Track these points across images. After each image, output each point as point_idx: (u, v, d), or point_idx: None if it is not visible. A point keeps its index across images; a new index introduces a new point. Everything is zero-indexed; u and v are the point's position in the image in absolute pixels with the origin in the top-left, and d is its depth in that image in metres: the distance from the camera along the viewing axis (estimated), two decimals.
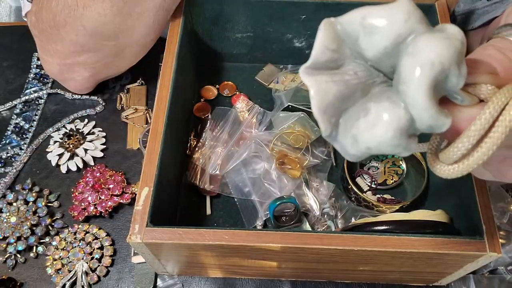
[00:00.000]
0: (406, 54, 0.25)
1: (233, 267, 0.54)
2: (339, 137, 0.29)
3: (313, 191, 0.61)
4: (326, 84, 0.28)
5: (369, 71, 0.29)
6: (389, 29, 0.25)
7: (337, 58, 0.29)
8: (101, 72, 0.67)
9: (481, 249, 0.44)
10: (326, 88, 0.28)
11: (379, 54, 0.26)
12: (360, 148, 0.27)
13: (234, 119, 0.67)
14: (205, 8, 0.64)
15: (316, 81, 0.28)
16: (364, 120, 0.27)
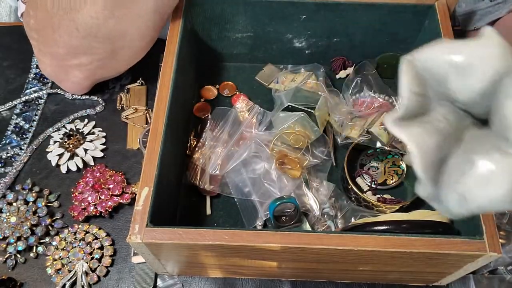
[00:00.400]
0: (508, 96, 0.22)
1: (233, 267, 0.54)
2: (442, 195, 0.25)
3: (313, 191, 0.61)
4: (423, 137, 0.24)
5: (458, 114, 0.25)
6: (485, 67, 0.22)
7: (423, 103, 0.25)
8: (96, 73, 0.67)
9: (481, 249, 0.44)
10: (425, 142, 0.24)
11: (474, 95, 0.23)
12: (470, 207, 0.24)
13: (234, 119, 0.67)
14: (205, 8, 0.64)
15: (412, 135, 0.24)
16: (471, 175, 0.23)
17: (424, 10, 0.62)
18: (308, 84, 0.66)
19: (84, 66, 0.65)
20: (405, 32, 0.67)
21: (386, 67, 0.71)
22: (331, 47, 0.70)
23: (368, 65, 0.68)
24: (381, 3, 0.61)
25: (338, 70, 0.73)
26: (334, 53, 0.72)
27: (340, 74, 0.73)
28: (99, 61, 0.64)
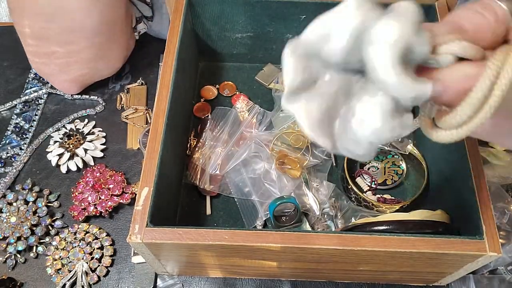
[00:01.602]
0: (366, 44, 0.26)
1: (233, 267, 0.54)
2: (343, 144, 0.29)
3: (313, 191, 0.61)
4: (307, 104, 0.29)
5: (344, 74, 0.29)
6: (342, 28, 0.26)
7: (310, 76, 0.30)
8: (73, 66, 0.67)
9: (481, 249, 0.44)
10: (307, 108, 0.29)
11: (344, 55, 0.27)
12: (363, 146, 0.28)
13: (234, 119, 0.67)
14: (205, 8, 0.64)
15: (297, 106, 0.29)
16: (354, 120, 0.28)
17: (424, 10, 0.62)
18: None
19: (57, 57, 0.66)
20: None
21: None
22: None
23: None
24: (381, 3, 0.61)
25: None
26: None
27: None
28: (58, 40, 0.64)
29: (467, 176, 0.48)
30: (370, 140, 0.28)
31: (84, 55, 0.66)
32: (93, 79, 0.72)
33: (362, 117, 0.27)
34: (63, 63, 0.66)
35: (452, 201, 0.54)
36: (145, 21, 0.73)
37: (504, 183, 0.61)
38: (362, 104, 0.28)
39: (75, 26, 0.61)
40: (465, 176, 0.49)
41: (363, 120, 0.27)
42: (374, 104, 0.27)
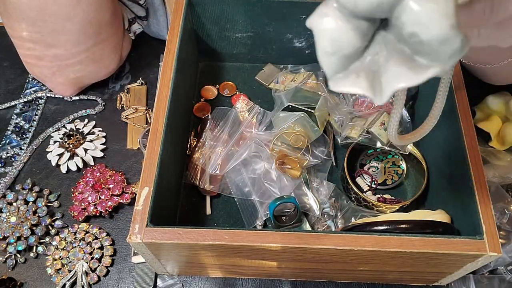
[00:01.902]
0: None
1: (233, 267, 0.54)
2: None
3: (313, 191, 0.61)
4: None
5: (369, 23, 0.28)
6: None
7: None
8: (66, 69, 0.67)
9: (481, 249, 0.44)
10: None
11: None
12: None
13: (234, 119, 0.67)
14: (205, 8, 0.64)
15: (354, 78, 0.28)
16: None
17: None
18: (308, 84, 0.66)
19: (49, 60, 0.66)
20: None
21: None
22: None
23: None
24: None
25: None
26: None
27: None
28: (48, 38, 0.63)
29: (467, 176, 0.48)
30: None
31: (74, 58, 0.65)
32: (89, 81, 0.72)
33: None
34: (54, 66, 0.66)
35: (452, 201, 0.54)
36: (139, 21, 0.73)
37: (504, 183, 0.61)
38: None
39: (59, 30, 0.61)
40: (465, 176, 0.49)
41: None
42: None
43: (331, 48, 0.27)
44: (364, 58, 0.28)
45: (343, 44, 0.27)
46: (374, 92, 0.27)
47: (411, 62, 0.27)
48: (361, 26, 0.27)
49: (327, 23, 0.27)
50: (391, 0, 0.25)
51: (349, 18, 0.27)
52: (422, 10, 0.24)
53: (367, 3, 0.25)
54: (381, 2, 0.25)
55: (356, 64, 0.28)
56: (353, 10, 0.26)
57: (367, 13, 0.26)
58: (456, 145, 0.51)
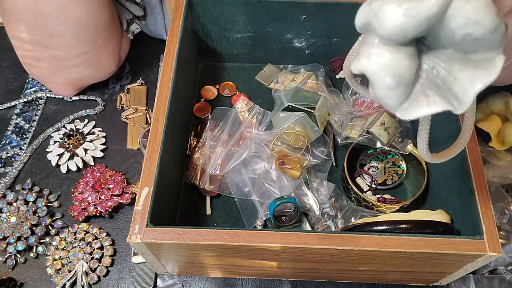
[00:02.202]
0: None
1: (233, 267, 0.54)
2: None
3: (313, 191, 0.61)
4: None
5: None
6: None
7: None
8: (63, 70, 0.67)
9: (481, 249, 0.44)
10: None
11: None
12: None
13: (234, 119, 0.67)
14: (205, 8, 0.64)
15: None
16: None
17: None
18: (308, 84, 0.66)
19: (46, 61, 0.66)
20: None
21: None
22: (331, 47, 0.70)
23: None
24: None
25: (338, 70, 0.73)
26: (334, 53, 0.72)
27: (340, 74, 0.73)
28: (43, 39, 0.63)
29: (467, 176, 0.48)
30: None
31: (71, 61, 0.65)
32: (88, 82, 0.72)
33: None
34: (52, 67, 0.66)
35: (452, 201, 0.54)
36: (137, 21, 0.73)
37: (504, 183, 0.61)
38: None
39: (54, 32, 0.61)
40: (465, 176, 0.49)
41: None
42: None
43: (394, 81, 0.27)
44: (420, 78, 0.28)
45: (403, 73, 0.27)
46: (451, 104, 0.27)
47: (472, 62, 0.27)
48: (408, 50, 0.27)
49: (380, 60, 0.27)
50: (438, 14, 0.25)
51: (396, 47, 0.27)
52: (470, 10, 0.25)
53: (415, 27, 0.25)
54: (429, 20, 0.25)
55: (416, 88, 0.28)
56: (401, 38, 0.26)
57: (415, 35, 0.26)
58: None
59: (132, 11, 0.71)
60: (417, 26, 0.26)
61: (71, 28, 0.61)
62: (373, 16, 0.26)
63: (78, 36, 0.62)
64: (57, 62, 0.65)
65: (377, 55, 0.27)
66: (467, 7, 0.26)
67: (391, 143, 0.62)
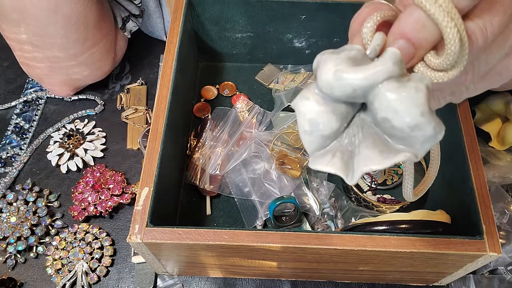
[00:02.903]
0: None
1: (233, 267, 0.54)
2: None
3: (313, 191, 0.61)
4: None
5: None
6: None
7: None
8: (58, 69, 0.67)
9: (481, 249, 0.44)
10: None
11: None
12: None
13: (234, 119, 0.67)
14: (205, 8, 0.64)
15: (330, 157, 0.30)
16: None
17: None
18: (308, 84, 0.66)
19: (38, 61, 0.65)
20: None
21: None
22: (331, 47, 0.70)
23: None
24: None
25: None
26: None
27: None
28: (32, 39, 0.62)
29: (467, 176, 0.48)
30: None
31: (65, 62, 0.65)
32: (85, 82, 0.72)
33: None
34: (46, 67, 0.66)
35: (452, 201, 0.54)
36: (134, 19, 0.72)
37: (504, 183, 0.61)
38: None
39: (43, 33, 0.60)
40: (465, 176, 0.49)
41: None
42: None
43: (309, 128, 0.29)
44: (342, 138, 0.29)
45: (320, 125, 0.28)
46: (347, 172, 0.28)
47: (383, 146, 0.28)
48: (339, 109, 0.28)
49: (306, 105, 0.28)
50: (364, 88, 0.26)
51: (328, 101, 0.28)
52: (394, 98, 0.26)
53: (341, 91, 0.27)
54: (355, 90, 0.26)
55: (334, 144, 0.29)
56: (330, 95, 0.27)
57: (344, 98, 0.27)
58: (456, 145, 0.51)
59: (128, 9, 0.71)
60: (343, 90, 0.27)
61: (61, 29, 0.60)
62: (317, 66, 0.28)
63: (68, 36, 0.61)
64: (51, 62, 0.65)
65: (307, 100, 0.29)
66: (393, 94, 0.26)
67: None
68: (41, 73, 0.67)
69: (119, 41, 0.72)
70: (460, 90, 0.33)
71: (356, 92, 0.27)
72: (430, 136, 0.26)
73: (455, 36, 0.26)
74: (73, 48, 0.63)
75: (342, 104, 0.28)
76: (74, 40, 0.62)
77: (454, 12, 0.26)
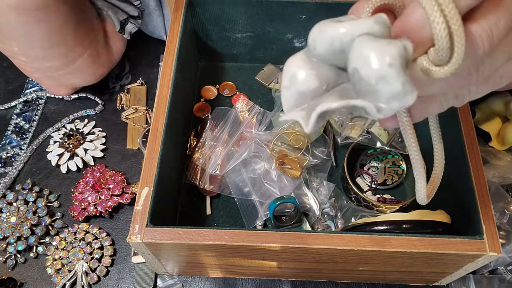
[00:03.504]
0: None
1: (233, 267, 0.54)
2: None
3: (313, 191, 0.61)
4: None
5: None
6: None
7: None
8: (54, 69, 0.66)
9: (481, 249, 0.44)
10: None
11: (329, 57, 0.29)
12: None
13: (234, 119, 0.67)
14: (205, 8, 0.64)
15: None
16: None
17: None
18: None
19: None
20: None
21: None
22: None
23: None
24: None
25: None
26: None
27: None
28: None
29: (467, 176, 0.48)
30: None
31: (54, 72, 0.65)
32: (81, 84, 0.72)
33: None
34: (39, 74, 0.66)
35: (452, 201, 0.54)
36: (132, 20, 0.72)
37: (504, 183, 0.61)
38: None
39: (24, 47, 0.60)
40: (465, 176, 0.49)
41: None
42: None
43: (288, 83, 0.29)
44: (317, 101, 0.29)
45: (298, 81, 0.29)
46: (307, 120, 0.28)
47: (348, 95, 0.28)
48: (322, 70, 0.29)
49: (292, 61, 0.29)
50: (342, 40, 0.27)
51: (312, 61, 0.29)
52: (365, 46, 0.26)
53: (322, 43, 0.27)
54: (333, 41, 0.27)
55: (309, 104, 0.29)
56: (313, 51, 0.28)
57: (325, 54, 0.28)
58: (456, 145, 0.51)
59: (127, 11, 0.71)
60: (323, 42, 0.27)
61: (41, 42, 0.59)
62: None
63: (50, 48, 0.61)
64: (43, 72, 0.65)
65: (294, 57, 0.29)
66: (365, 43, 0.26)
67: (391, 143, 0.62)
68: (36, 77, 0.68)
69: (117, 43, 0.71)
70: (463, 93, 0.33)
71: (335, 45, 0.27)
72: (398, 92, 0.25)
73: (442, 32, 0.26)
74: (59, 59, 0.63)
75: (326, 66, 0.29)
76: (57, 52, 0.62)
77: (450, 8, 0.25)
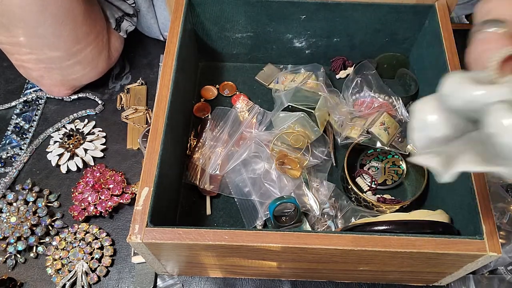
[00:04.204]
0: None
1: (233, 267, 0.54)
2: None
3: (313, 191, 0.61)
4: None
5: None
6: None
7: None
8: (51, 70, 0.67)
9: (481, 249, 0.44)
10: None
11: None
12: None
13: (234, 119, 0.67)
14: (205, 8, 0.64)
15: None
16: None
17: (424, 10, 0.62)
18: (308, 84, 0.66)
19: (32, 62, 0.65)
20: (405, 32, 0.67)
21: (386, 67, 0.71)
22: (331, 47, 0.70)
23: (368, 65, 0.68)
24: (381, 3, 0.61)
25: (338, 70, 0.73)
26: (334, 53, 0.72)
27: (340, 74, 0.73)
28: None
29: (467, 176, 0.48)
30: None
31: (57, 63, 0.65)
32: (80, 83, 0.72)
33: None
34: (40, 69, 0.66)
35: (452, 201, 0.54)
36: (128, 18, 0.72)
37: (504, 183, 0.61)
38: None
39: (32, 35, 0.60)
40: (465, 176, 0.49)
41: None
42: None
43: (416, 125, 0.33)
44: (450, 147, 0.33)
45: (430, 126, 0.32)
46: (443, 169, 0.31)
47: (485, 156, 0.31)
48: (453, 120, 0.32)
49: (421, 106, 0.33)
50: (478, 102, 0.29)
51: (444, 109, 0.32)
52: (503, 116, 0.28)
53: (458, 99, 0.30)
54: (469, 102, 0.30)
55: (442, 149, 0.33)
56: (446, 102, 0.31)
57: (458, 107, 0.31)
58: None
59: (122, 9, 0.70)
60: (459, 99, 0.30)
61: (50, 27, 0.60)
62: (445, 79, 0.32)
63: (59, 35, 0.61)
64: (45, 64, 0.65)
65: (424, 103, 0.33)
66: (505, 113, 0.28)
67: (391, 143, 0.62)
68: (37, 75, 0.67)
69: (114, 41, 0.71)
70: None
71: (470, 104, 0.30)
72: None
73: None
74: (65, 48, 0.63)
75: (456, 116, 0.32)
76: (65, 39, 0.62)
77: None
